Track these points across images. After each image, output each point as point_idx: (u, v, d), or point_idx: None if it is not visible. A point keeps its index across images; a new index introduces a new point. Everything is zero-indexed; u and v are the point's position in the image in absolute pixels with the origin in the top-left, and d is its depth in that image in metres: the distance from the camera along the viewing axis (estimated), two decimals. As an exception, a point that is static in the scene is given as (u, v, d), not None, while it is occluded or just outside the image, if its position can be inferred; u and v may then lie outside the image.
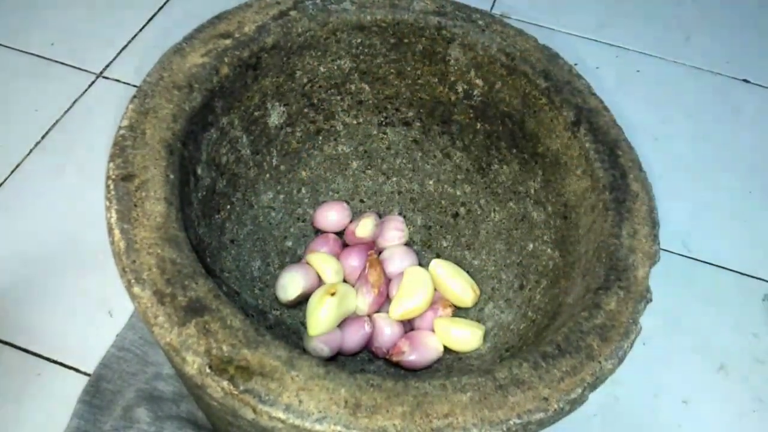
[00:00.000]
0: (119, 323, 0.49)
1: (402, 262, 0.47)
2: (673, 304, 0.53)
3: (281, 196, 0.48)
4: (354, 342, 0.44)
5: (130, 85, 0.62)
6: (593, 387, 0.32)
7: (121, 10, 0.68)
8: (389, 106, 0.48)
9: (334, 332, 0.43)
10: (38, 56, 0.64)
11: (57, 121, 0.60)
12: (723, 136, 0.65)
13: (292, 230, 0.49)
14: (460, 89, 0.46)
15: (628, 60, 0.70)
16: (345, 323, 0.44)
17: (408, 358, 0.43)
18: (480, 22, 0.45)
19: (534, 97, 0.43)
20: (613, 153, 0.40)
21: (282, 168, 0.48)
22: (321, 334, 0.43)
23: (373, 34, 0.45)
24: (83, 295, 0.50)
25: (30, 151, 0.57)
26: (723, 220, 0.59)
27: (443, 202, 0.50)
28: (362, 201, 0.51)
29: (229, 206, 0.44)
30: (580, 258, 0.39)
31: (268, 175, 0.47)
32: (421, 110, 0.48)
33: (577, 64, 0.68)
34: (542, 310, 0.41)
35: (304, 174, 0.49)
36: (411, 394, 0.30)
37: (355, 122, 0.49)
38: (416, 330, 0.45)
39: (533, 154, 0.44)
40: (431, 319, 0.45)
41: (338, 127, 0.49)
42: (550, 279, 0.42)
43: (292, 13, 0.43)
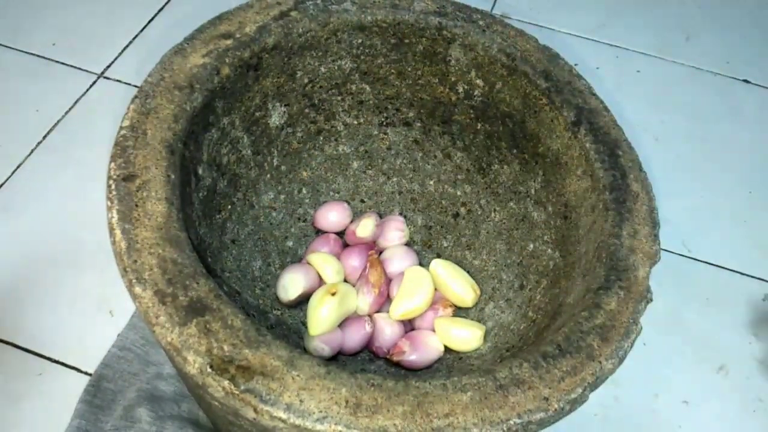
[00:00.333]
0: (120, 323, 0.49)
1: (402, 262, 0.47)
2: (674, 304, 0.53)
3: (282, 197, 0.48)
4: (355, 342, 0.44)
5: (131, 85, 0.63)
6: (593, 387, 0.32)
7: (122, 10, 0.68)
8: (390, 107, 0.49)
9: (335, 332, 0.43)
10: (39, 56, 0.64)
11: (58, 122, 0.60)
12: (723, 136, 0.65)
13: (292, 230, 0.49)
14: (461, 89, 0.46)
15: (628, 60, 0.70)
16: (346, 323, 0.44)
17: (408, 357, 0.43)
18: (480, 23, 0.45)
19: (534, 97, 0.43)
20: (614, 153, 0.40)
21: (283, 168, 0.48)
22: (322, 333, 0.43)
23: (374, 35, 0.45)
24: (84, 295, 0.50)
25: (31, 152, 0.57)
26: (723, 220, 0.59)
27: (444, 202, 0.50)
28: (363, 201, 0.51)
29: (230, 206, 0.44)
30: (581, 258, 0.39)
31: (269, 176, 0.47)
32: (422, 110, 0.48)
33: (577, 65, 0.68)
34: (542, 310, 0.41)
35: (304, 174, 0.49)
36: (411, 394, 0.30)
37: (355, 122, 0.49)
38: (417, 330, 0.45)
39: (534, 155, 0.44)
40: (432, 319, 0.45)
41: (339, 128, 0.49)
42: (551, 279, 0.42)
43: (293, 13, 0.43)
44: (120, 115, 0.37)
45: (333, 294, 0.43)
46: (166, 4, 0.70)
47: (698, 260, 0.56)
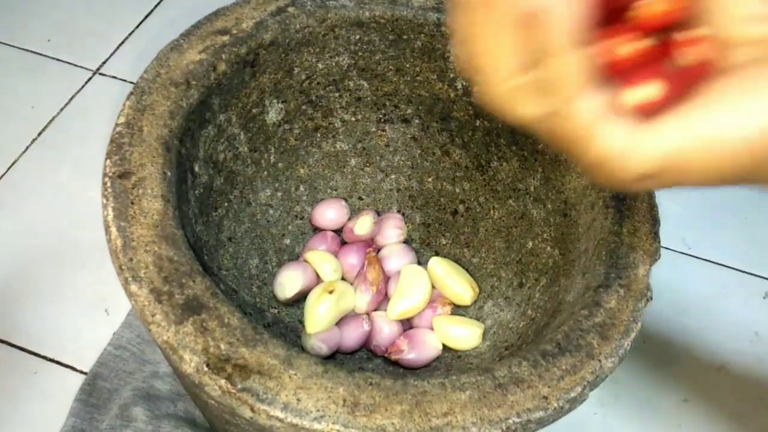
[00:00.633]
0: (116, 321, 0.48)
1: (400, 260, 0.47)
2: (674, 302, 0.53)
3: (279, 194, 0.48)
4: (352, 340, 0.44)
5: (127, 81, 0.62)
6: (593, 385, 0.31)
7: (118, 6, 0.68)
8: (388, 103, 0.48)
9: (333, 330, 0.43)
10: (34, 53, 0.64)
11: (53, 118, 0.59)
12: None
13: (290, 228, 0.49)
14: (460, 86, 0.46)
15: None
16: (343, 321, 0.44)
17: (407, 356, 0.43)
18: (479, 19, 0.45)
19: (533, 93, 0.43)
20: (614, 150, 0.40)
21: (280, 165, 0.48)
22: (319, 332, 0.42)
23: (372, 31, 0.45)
24: (80, 293, 0.50)
25: (26, 148, 0.57)
26: (724, 218, 0.59)
27: (442, 199, 0.50)
28: (361, 198, 0.51)
29: (226, 204, 0.44)
30: (580, 256, 0.39)
31: (265, 173, 0.47)
32: (420, 107, 0.48)
33: None
34: (542, 308, 0.41)
35: (302, 171, 0.49)
36: (410, 393, 0.30)
37: (353, 119, 0.49)
38: (415, 328, 0.45)
39: (533, 152, 0.44)
40: (430, 318, 0.45)
41: (336, 124, 0.49)
42: (550, 277, 0.42)
43: (290, 9, 0.43)
44: (115, 111, 0.37)
45: (330, 292, 0.43)
46: (162, 0, 0.69)
47: (698, 258, 0.56)
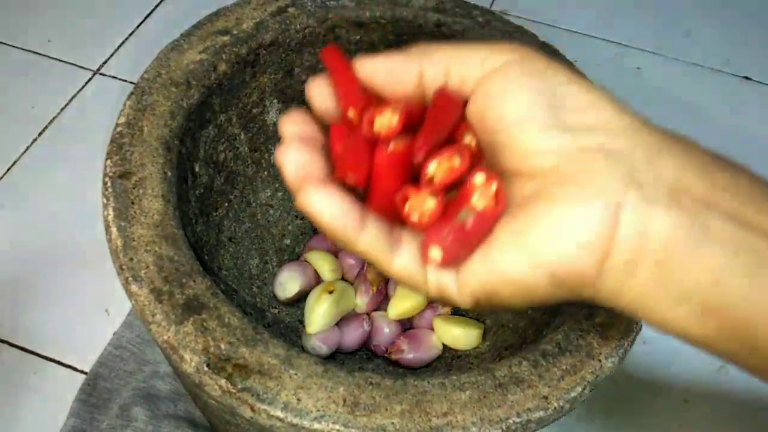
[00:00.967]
0: (116, 321, 0.48)
1: (401, 260, 0.47)
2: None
3: (279, 194, 0.48)
4: (352, 340, 0.44)
5: (128, 82, 0.62)
6: (593, 385, 0.31)
7: (118, 6, 0.68)
8: (388, 104, 0.48)
9: (333, 330, 0.43)
10: (35, 53, 0.64)
11: (54, 118, 0.59)
12: (724, 133, 0.64)
13: (290, 228, 0.49)
14: (460, 86, 0.46)
15: (628, 57, 0.70)
16: (343, 321, 0.44)
17: (407, 356, 0.43)
18: (479, 19, 0.45)
19: (534, 94, 0.43)
20: (614, 150, 0.40)
21: (280, 165, 0.48)
22: (319, 332, 0.42)
23: (372, 31, 0.45)
24: (80, 293, 0.50)
25: (27, 149, 0.57)
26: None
27: (442, 199, 0.50)
28: (361, 199, 0.51)
29: (227, 204, 0.44)
30: (580, 256, 0.39)
31: (266, 173, 0.47)
32: (420, 107, 0.48)
33: (576, 61, 0.67)
34: (542, 308, 0.41)
35: (302, 171, 0.49)
36: (410, 393, 0.30)
37: (353, 119, 0.49)
38: (415, 328, 0.45)
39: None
40: (430, 318, 0.45)
41: (337, 125, 0.49)
42: (550, 277, 0.42)
43: (291, 9, 0.43)
44: (116, 112, 0.37)
45: (330, 292, 0.43)
46: (163, 0, 0.69)
47: (698, 258, 0.56)
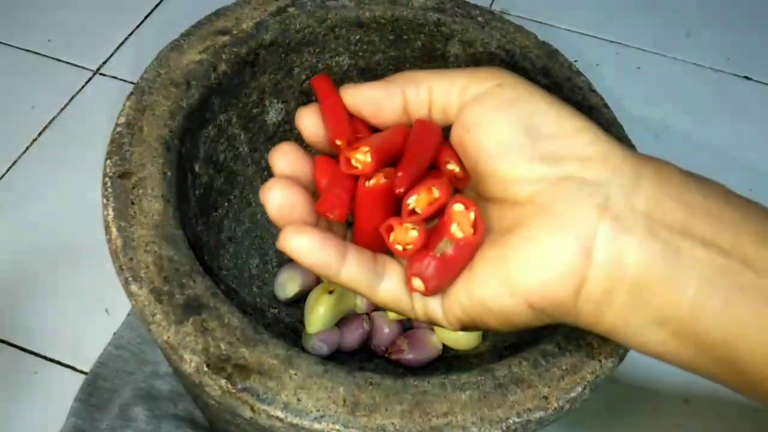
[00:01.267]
0: (116, 321, 0.48)
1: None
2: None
3: (279, 194, 0.48)
4: (352, 340, 0.44)
5: (127, 82, 0.62)
6: (593, 385, 0.31)
7: (118, 6, 0.68)
8: (388, 103, 0.48)
9: (333, 330, 0.43)
10: (35, 53, 0.64)
11: (53, 119, 0.59)
12: (724, 133, 0.65)
13: (290, 228, 0.49)
14: (460, 86, 0.46)
15: (628, 57, 0.70)
16: (343, 321, 0.44)
17: (407, 356, 0.43)
18: (479, 19, 0.45)
19: (534, 93, 0.43)
20: (614, 150, 0.40)
21: (280, 165, 0.48)
22: (319, 332, 0.42)
23: (372, 31, 0.45)
24: (80, 293, 0.50)
25: (26, 149, 0.57)
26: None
27: (442, 199, 0.50)
28: (361, 198, 0.51)
29: (227, 204, 0.44)
30: (580, 256, 0.39)
31: (266, 173, 0.47)
32: (420, 107, 0.48)
33: (576, 61, 0.67)
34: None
35: (302, 171, 0.49)
36: (410, 393, 0.30)
37: (353, 119, 0.49)
38: (415, 328, 0.45)
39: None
40: (430, 317, 0.45)
41: (337, 124, 0.49)
42: (550, 277, 0.42)
43: (290, 9, 0.43)
44: (116, 112, 0.37)
45: (330, 292, 0.43)
46: (162, 0, 0.69)
47: (698, 258, 0.56)
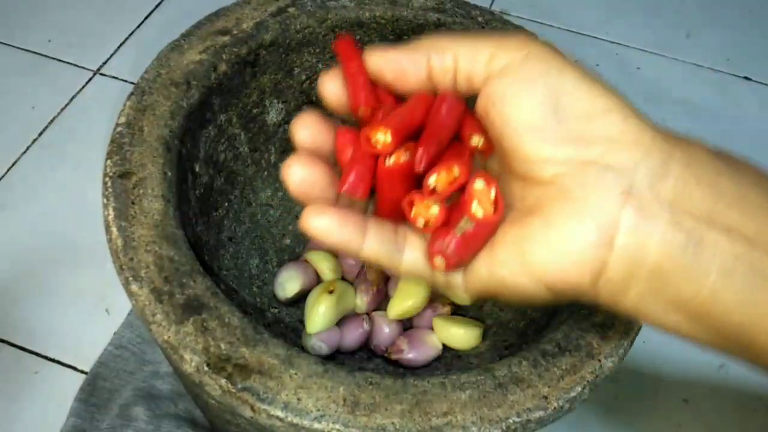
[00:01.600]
0: (117, 321, 0.48)
1: (401, 260, 0.47)
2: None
3: (279, 194, 0.48)
4: (352, 340, 0.44)
5: (128, 82, 0.62)
6: (593, 385, 0.31)
7: (118, 6, 0.68)
8: (388, 104, 0.48)
9: (333, 330, 0.43)
10: (35, 53, 0.64)
11: (54, 119, 0.59)
12: (723, 133, 0.65)
13: (290, 228, 0.49)
14: (460, 86, 0.46)
15: (628, 57, 0.70)
16: (343, 321, 0.44)
17: (407, 356, 0.43)
18: (479, 19, 0.45)
19: (533, 94, 0.43)
20: (613, 150, 0.40)
21: (280, 165, 0.48)
22: (319, 331, 0.42)
23: (372, 31, 0.45)
24: (80, 293, 0.50)
25: (27, 149, 0.57)
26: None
27: (442, 199, 0.50)
28: (361, 198, 0.51)
29: (227, 204, 0.44)
30: (580, 256, 0.39)
31: (266, 173, 0.47)
32: (420, 107, 0.48)
33: (576, 62, 0.67)
34: (542, 308, 0.41)
35: (302, 171, 0.49)
36: (410, 393, 0.30)
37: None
38: (415, 328, 0.45)
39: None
40: (430, 317, 0.45)
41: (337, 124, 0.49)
42: (550, 277, 0.42)
43: (291, 9, 0.43)
44: (116, 112, 0.37)
45: (330, 292, 0.43)
46: (162, 0, 0.69)
47: (698, 258, 0.56)
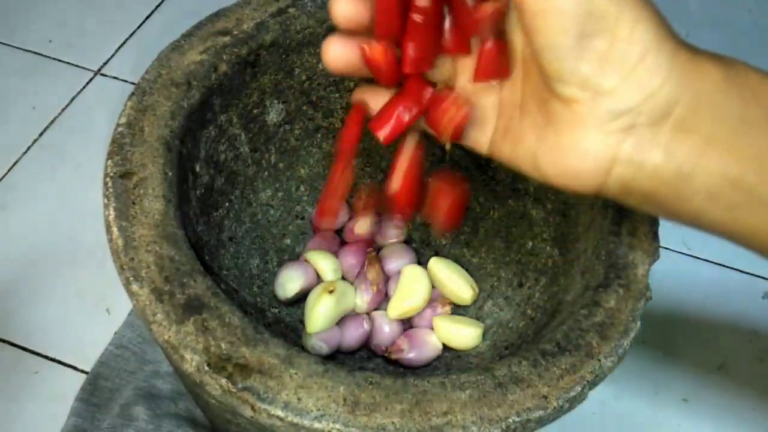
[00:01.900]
0: (117, 321, 0.48)
1: (400, 260, 0.47)
2: (673, 301, 0.53)
3: (280, 194, 0.48)
4: (353, 340, 0.44)
5: (128, 82, 0.62)
6: (593, 385, 0.31)
7: (119, 7, 0.68)
8: (388, 104, 0.48)
9: (333, 330, 0.43)
10: (36, 53, 0.64)
11: (55, 119, 0.59)
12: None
13: (290, 228, 0.49)
14: (460, 86, 0.46)
15: (627, 58, 0.70)
16: (344, 321, 0.44)
17: (407, 356, 0.43)
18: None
19: (533, 94, 0.43)
20: (613, 150, 0.40)
21: (280, 165, 0.48)
22: (319, 331, 0.42)
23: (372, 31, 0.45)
24: (81, 293, 0.50)
25: (28, 149, 0.57)
26: (722, 218, 0.59)
27: (442, 199, 0.50)
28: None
29: (227, 204, 0.44)
30: (580, 256, 0.39)
31: (266, 173, 0.47)
32: (420, 108, 0.48)
33: None
34: (541, 308, 0.41)
35: (302, 171, 0.49)
36: (410, 392, 0.30)
37: (353, 120, 0.49)
38: (415, 328, 0.45)
39: (532, 152, 0.44)
40: (430, 317, 0.45)
41: (337, 125, 0.49)
42: (550, 277, 0.42)
43: (291, 10, 0.43)
44: (117, 112, 0.37)
45: (331, 292, 0.43)
46: (163, 1, 0.69)
47: (698, 258, 0.56)
